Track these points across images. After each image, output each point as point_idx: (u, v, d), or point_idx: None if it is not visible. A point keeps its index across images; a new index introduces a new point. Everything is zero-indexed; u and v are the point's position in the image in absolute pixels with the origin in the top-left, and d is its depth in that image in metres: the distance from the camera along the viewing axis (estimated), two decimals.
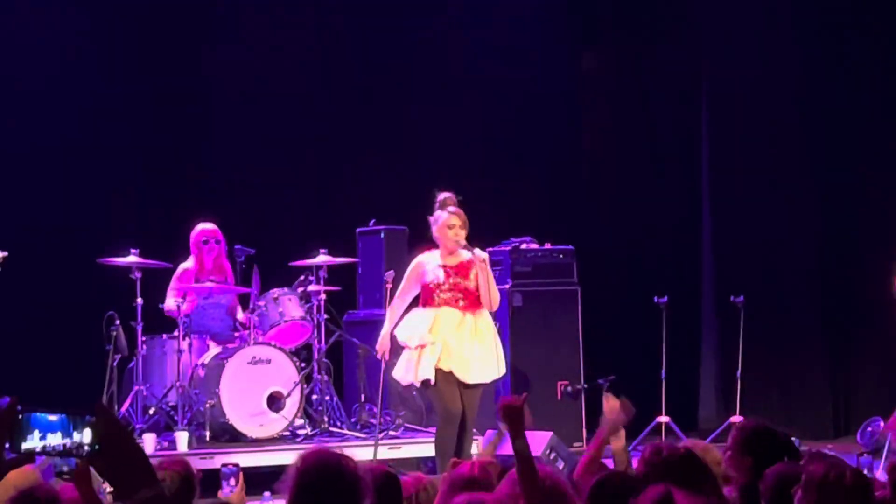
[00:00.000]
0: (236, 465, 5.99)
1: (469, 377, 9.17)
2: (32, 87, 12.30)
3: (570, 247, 11.94)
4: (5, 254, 9.64)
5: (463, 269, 9.27)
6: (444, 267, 9.26)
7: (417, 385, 9.35)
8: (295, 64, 13.22)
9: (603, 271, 12.95)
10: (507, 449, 5.16)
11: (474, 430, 9.48)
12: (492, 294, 9.25)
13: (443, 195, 9.34)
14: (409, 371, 9.24)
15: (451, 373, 9.13)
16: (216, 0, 13.04)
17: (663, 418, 11.64)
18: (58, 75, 12.41)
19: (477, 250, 9.25)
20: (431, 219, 9.36)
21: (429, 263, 9.31)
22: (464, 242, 9.24)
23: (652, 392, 11.81)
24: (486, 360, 9.24)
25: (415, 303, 9.52)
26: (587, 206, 13.53)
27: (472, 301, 9.26)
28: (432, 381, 9.13)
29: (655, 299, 11.88)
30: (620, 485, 4.64)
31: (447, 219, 9.24)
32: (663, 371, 11.81)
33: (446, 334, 9.16)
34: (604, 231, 13.36)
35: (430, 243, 9.47)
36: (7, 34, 12.28)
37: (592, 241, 12.79)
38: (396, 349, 9.52)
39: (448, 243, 9.25)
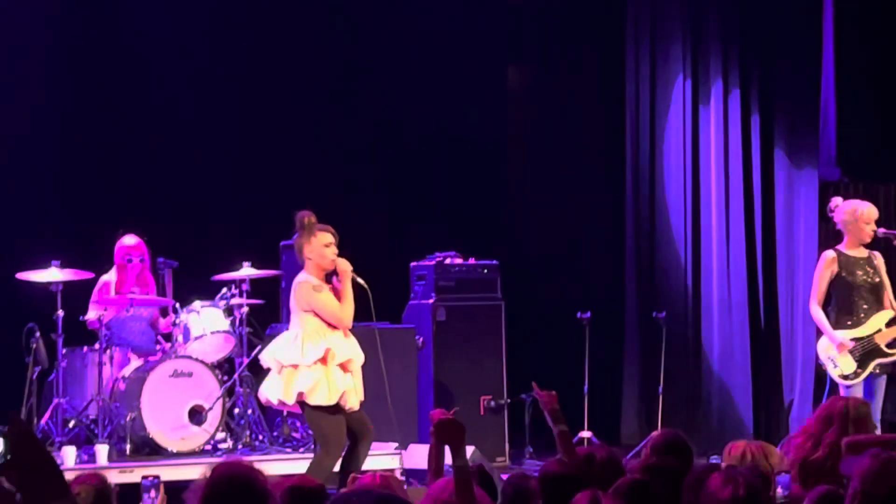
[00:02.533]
0: (157, 477, 5.97)
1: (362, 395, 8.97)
2: None
3: (495, 262, 11.97)
4: None
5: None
6: (333, 288, 8.92)
7: (328, 405, 8.77)
8: (218, 75, 13.19)
9: (527, 286, 12.99)
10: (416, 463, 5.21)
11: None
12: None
13: (304, 214, 8.92)
14: (336, 393, 8.77)
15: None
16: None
17: (586, 433, 11.68)
18: None
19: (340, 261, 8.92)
20: (296, 242, 8.96)
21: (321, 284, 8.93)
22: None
23: (575, 407, 11.85)
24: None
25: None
26: (512, 221, 13.57)
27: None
28: (348, 407, 8.84)
29: (578, 314, 11.92)
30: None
31: (322, 237, 8.86)
32: (586, 386, 11.85)
33: (350, 355, 8.89)
34: (528, 246, 13.41)
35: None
36: None
37: (517, 257, 12.83)
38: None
39: (325, 262, 8.87)
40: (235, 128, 13.17)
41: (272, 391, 8.97)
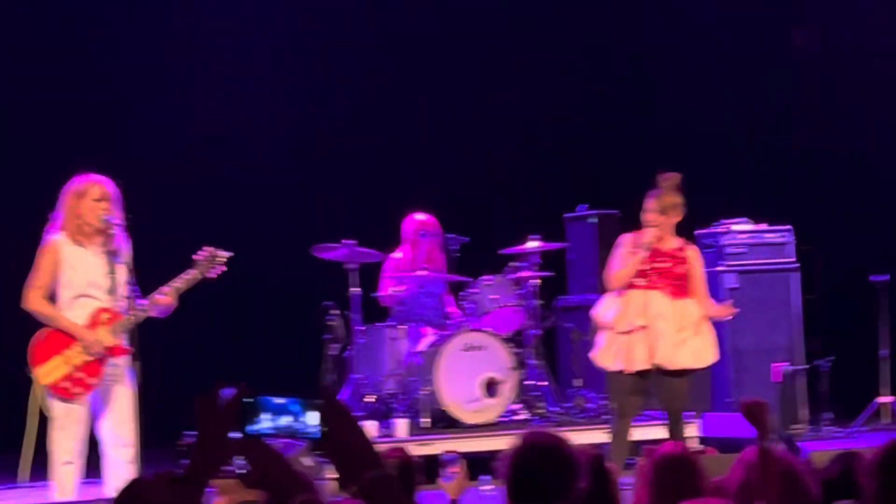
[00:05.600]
0: (456, 453, 6.01)
1: (674, 362, 8.82)
2: (253, 78, 12.65)
3: (789, 226, 11.75)
4: (230, 254, 9.72)
5: (677, 254, 9.03)
6: (655, 248, 8.89)
7: (629, 371, 8.84)
8: (505, 54, 13.31)
9: (821, 251, 12.72)
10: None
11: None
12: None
13: (662, 174, 8.91)
14: (618, 357, 8.87)
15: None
16: None
17: (885, 399, 11.37)
18: (274, 67, 12.73)
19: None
20: None
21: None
22: (653, 230, 8.80)
23: (871, 372, 11.57)
24: (691, 346, 8.89)
25: None
26: (806, 185, 13.29)
27: (680, 288, 8.89)
28: (636, 369, 8.79)
29: (872, 278, 11.63)
30: None
31: (646, 202, 8.88)
32: (885, 351, 11.55)
33: (656, 320, 8.84)
34: (821, 210, 13.12)
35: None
36: (233, 25, 12.66)
37: (813, 220, 12.55)
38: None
39: (643, 225, 8.87)
40: (517, 103, 13.24)
41: None
